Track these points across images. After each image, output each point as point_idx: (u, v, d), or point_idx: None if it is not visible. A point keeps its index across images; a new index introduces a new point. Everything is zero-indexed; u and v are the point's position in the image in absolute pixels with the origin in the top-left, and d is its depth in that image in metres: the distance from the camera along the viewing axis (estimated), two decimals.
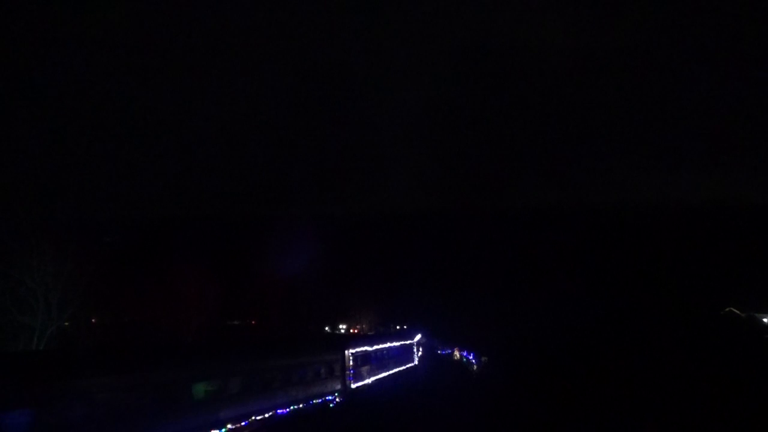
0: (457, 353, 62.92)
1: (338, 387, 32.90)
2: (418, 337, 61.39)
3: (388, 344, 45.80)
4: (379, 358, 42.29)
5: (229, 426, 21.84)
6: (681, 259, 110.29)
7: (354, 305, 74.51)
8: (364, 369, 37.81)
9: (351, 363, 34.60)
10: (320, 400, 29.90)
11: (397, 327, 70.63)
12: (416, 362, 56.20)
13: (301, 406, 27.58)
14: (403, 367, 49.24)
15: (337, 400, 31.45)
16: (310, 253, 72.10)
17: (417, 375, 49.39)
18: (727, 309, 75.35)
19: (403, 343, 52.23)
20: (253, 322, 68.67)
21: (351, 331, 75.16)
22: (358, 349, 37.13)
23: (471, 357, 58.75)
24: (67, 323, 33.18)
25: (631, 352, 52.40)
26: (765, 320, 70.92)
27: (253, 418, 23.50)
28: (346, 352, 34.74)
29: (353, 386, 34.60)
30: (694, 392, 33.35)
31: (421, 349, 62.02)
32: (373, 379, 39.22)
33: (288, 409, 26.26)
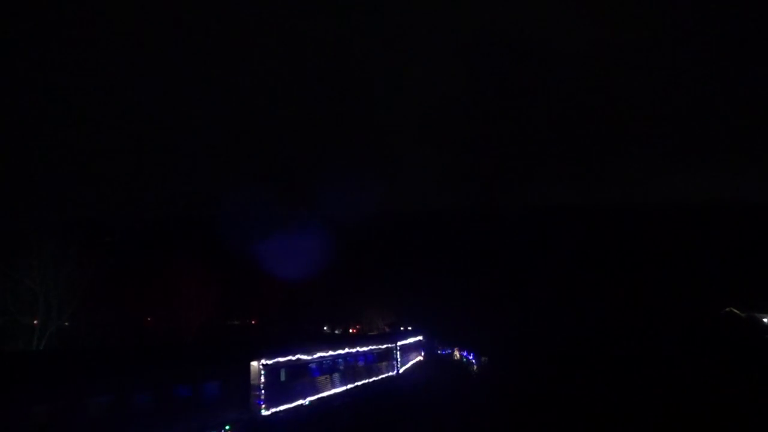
0: (456, 353, 62.81)
1: (236, 415, 23.51)
2: (413, 339, 55.81)
3: (346, 350, 35.97)
4: (330, 369, 33.17)
5: None
6: (681, 259, 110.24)
7: (357, 306, 74.53)
8: (294, 386, 28.76)
9: (263, 379, 25.72)
10: None
11: (401, 328, 70.36)
12: (399, 371, 45.41)
13: None
14: (372, 380, 39.02)
15: None
16: (312, 253, 72.12)
17: (392, 389, 39.68)
18: (727, 309, 75.21)
19: (375, 347, 41.54)
20: (253, 321, 68.70)
21: (350, 331, 75.12)
22: (283, 359, 27.62)
23: (471, 357, 58.62)
24: (67, 323, 33.21)
25: (631, 351, 52.39)
26: (765, 320, 70.84)
27: None
28: (254, 363, 25.58)
29: (266, 413, 25.62)
30: (695, 392, 33.32)
31: (422, 352, 59.42)
32: (313, 398, 29.98)
33: None
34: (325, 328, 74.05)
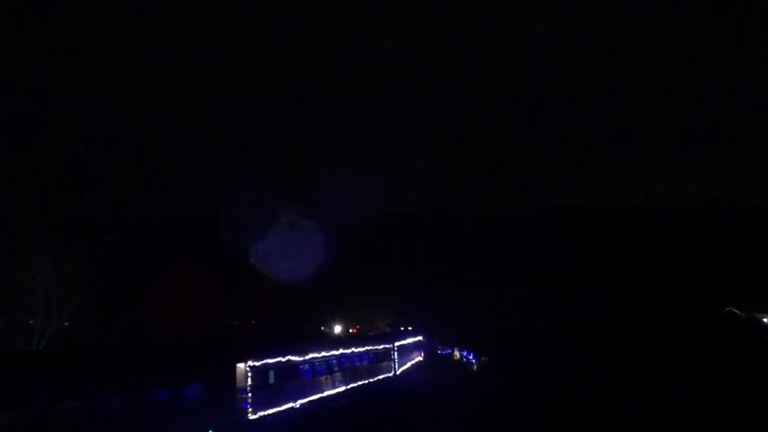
0: (456, 353, 62.87)
1: (220, 420, 22.10)
2: (412, 339, 55.55)
3: (341, 350, 34.65)
4: (324, 371, 31.89)
5: None
6: (681, 258, 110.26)
7: (357, 306, 74.56)
8: (285, 389, 27.42)
9: (250, 381, 24.53)
10: None
11: (401, 328, 70.49)
12: (396, 372, 44.69)
13: None
14: (367, 381, 37.90)
15: None
16: (312, 253, 72.13)
17: (388, 390, 38.46)
18: (727, 309, 75.25)
19: (372, 348, 40.64)
20: (253, 322, 68.74)
21: (350, 331, 75.14)
22: (272, 360, 26.32)
23: (471, 357, 58.64)
24: (67, 323, 33.21)
25: (630, 352, 52.38)
26: (765, 320, 70.90)
27: None
28: (240, 365, 24.45)
29: (253, 416, 24.38)
30: (695, 392, 33.32)
31: (421, 353, 59.32)
32: (304, 401, 28.64)
33: None
34: (322, 328, 74.11)
